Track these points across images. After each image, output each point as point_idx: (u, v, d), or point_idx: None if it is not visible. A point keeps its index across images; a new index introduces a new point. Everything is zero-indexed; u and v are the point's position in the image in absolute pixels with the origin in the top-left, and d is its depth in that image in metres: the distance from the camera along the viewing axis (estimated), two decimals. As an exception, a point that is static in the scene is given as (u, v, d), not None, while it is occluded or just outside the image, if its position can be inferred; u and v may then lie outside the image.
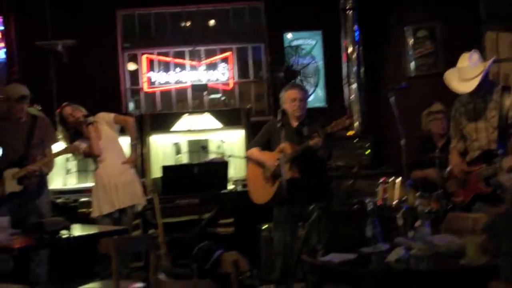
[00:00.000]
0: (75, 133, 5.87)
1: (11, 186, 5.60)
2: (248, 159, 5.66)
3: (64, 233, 4.30)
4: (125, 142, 6.14)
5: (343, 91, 7.65)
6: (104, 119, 5.90)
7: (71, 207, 6.45)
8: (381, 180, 5.76)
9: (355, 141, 6.73)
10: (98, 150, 5.79)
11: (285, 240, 5.32)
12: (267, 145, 5.44)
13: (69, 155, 6.98)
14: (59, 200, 6.51)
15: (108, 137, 5.88)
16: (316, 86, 7.68)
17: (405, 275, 3.10)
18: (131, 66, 8.26)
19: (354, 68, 7.58)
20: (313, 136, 5.02)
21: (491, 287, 2.43)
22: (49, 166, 5.80)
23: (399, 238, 3.57)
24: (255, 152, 5.47)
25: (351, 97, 7.57)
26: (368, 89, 7.61)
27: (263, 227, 6.33)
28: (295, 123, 5.36)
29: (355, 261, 3.24)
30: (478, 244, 3.04)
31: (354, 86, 7.55)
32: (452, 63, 4.81)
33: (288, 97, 5.37)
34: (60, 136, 5.89)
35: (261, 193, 5.37)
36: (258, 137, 5.58)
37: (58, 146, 5.97)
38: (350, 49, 7.61)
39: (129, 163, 5.88)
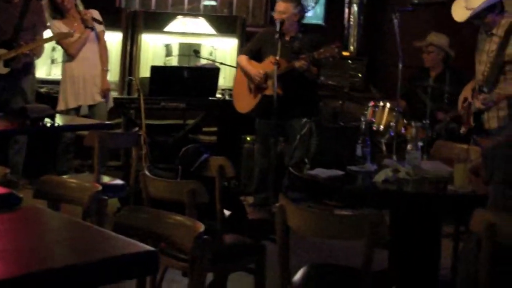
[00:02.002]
0: (54, 10, 5.74)
1: None
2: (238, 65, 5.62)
3: (48, 121, 4.23)
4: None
5: (343, 11, 7.49)
6: (94, 21, 5.73)
7: (54, 97, 6.35)
8: (370, 104, 5.74)
9: (349, 61, 6.63)
10: (77, 53, 5.68)
11: (263, 152, 5.40)
12: (258, 54, 5.39)
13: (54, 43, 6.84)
14: (42, 90, 6.40)
15: (91, 39, 5.76)
16: (316, 3, 7.50)
17: (391, 195, 3.10)
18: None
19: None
20: (300, 58, 4.99)
21: (477, 213, 2.42)
22: (38, 51, 5.68)
23: (387, 160, 3.55)
24: (243, 60, 5.44)
25: (350, 19, 7.42)
26: (369, 11, 7.45)
27: (246, 139, 6.31)
28: (287, 37, 5.30)
29: (342, 177, 3.22)
30: (467, 171, 3.03)
31: (355, 7, 7.39)
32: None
33: (276, 8, 5.32)
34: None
35: (243, 102, 5.40)
36: (250, 44, 5.53)
37: (48, 32, 5.83)
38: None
39: (102, 92, 5.79)
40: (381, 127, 5.59)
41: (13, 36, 5.50)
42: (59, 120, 4.37)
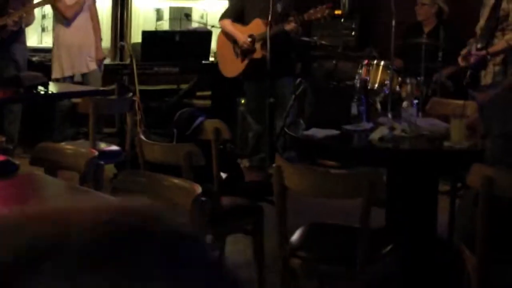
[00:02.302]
0: None
1: None
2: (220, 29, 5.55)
3: (41, 89, 4.20)
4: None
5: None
6: None
7: (47, 66, 6.30)
8: (364, 62, 5.71)
9: (342, 20, 6.57)
10: (73, 17, 5.62)
11: (257, 113, 5.37)
12: (241, 15, 5.31)
13: (46, 10, 6.76)
14: (34, 58, 6.34)
15: (84, 8, 5.69)
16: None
17: (388, 153, 3.10)
18: None
19: None
20: (289, 21, 4.92)
21: (475, 168, 2.42)
22: (29, 19, 5.62)
23: (383, 118, 3.54)
24: (228, 24, 5.35)
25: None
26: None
27: (241, 101, 6.29)
28: None
29: (338, 137, 3.22)
30: (463, 127, 3.03)
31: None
32: None
33: None
34: None
35: (230, 67, 5.36)
36: (231, 6, 5.42)
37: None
38: None
39: (98, 61, 5.74)
40: (376, 85, 5.58)
41: (2, 3, 5.43)
42: (52, 88, 4.34)
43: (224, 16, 5.44)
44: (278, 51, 5.14)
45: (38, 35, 6.96)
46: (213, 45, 6.62)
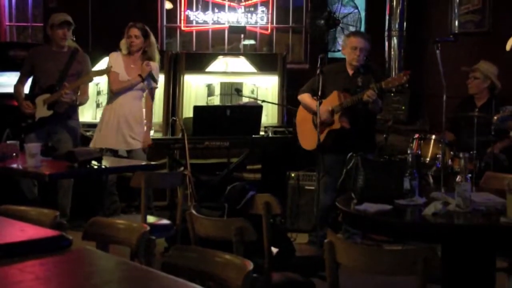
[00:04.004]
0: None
1: (42, 111, 5.64)
2: (300, 103, 5.57)
3: (95, 164, 4.28)
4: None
5: (384, 44, 7.47)
6: (149, 76, 5.73)
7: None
8: (415, 136, 5.67)
9: (392, 94, 6.58)
10: (118, 91, 5.69)
11: (330, 186, 5.23)
12: (321, 91, 5.34)
13: (101, 87, 6.98)
14: (88, 133, 6.51)
15: (138, 88, 5.76)
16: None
17: (442, 229, 3.02)
18: (168, 5, 8.14)
19: (397, 22, 7.37)
20: (367, 89, 4.94)
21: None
22: (83, 97, 5.82)
23: (435, 193, 3.48)
24: (307, 98, 5.40)
25: (391, 51, 7.39)
26: (410, 43, 7.41)
27: (291, 175, 6.28)
28: (350, 71, 5.28)
29: (391, 212, 3.17)
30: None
31: (395, 40, 7.37)
32: (500, 22, 4.64)
33: (350, 44, 5.26)
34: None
35: (309, 140, 5.32)
36: (311, 81, 5.47)
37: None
38: (394, 1, 7.39)
39: (144, 147, 5.76)
40: (428, 159, 5.52)
41: (57, 83, 5.66)
42: (105, 163, 4.42)
43: (303, 90, 5.50)
44: (358, 124, 5.14)
45: (93, 111, 7.17)
46: (264, 119, 6.70)
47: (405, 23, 7.38)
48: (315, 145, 5.15)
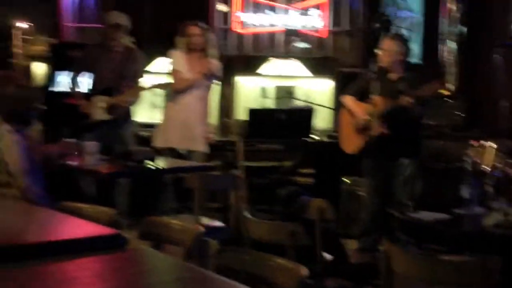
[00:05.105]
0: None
1: (99, 114, 5.66)
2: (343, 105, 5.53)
3: (150, 164, 4.32)
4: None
5: (440, 48, 7.34)
6: (212, 75, 5.72)
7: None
8: (473, 143, 5.53)
9: (449, 100, 6.46)
10: (181, 90, 5.64)
11: (376, 191, 5.19)
12: (365, 94, 5.30)
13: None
14: (143, 133, 6.57)
15: (200, 86, 5.72)
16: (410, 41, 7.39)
17: (504, 240, 2.94)
18: (224, 8, 8.15)
19: (455, 26, 7.24)
20: (405, 95, 4.89)
21: None
22: (137, 98, 5.82)
23: (496, 203, 3.38)
24: (349, 101, 5.35)
25: (448, 56, 7.26)
26: (468, 48, 7.26)
27: (345, 181, 6.21)
28: (394, 77, 5.21)
29: (448, 221, 3.10)
30: None
31: (453, 44, 7.23)
32: None
33: (382, 46, 5.22)
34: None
35: (350, 143, 5.28)
36: (355, 84, 5.42)
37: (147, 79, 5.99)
38: (451, 5, 7.25)
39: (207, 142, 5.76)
40: (486, 167, 5.38)
41: (113, 83, 5.66)
42: (160, 163, 4.45)
43: (346, 92, 5.45)
44: (399, 130, 5.08)
45: (148, 111, 7.24)
46: (319, 123, 6.65)
47: (463, 28, 7.24)
48: (355, 149, 5.12)
